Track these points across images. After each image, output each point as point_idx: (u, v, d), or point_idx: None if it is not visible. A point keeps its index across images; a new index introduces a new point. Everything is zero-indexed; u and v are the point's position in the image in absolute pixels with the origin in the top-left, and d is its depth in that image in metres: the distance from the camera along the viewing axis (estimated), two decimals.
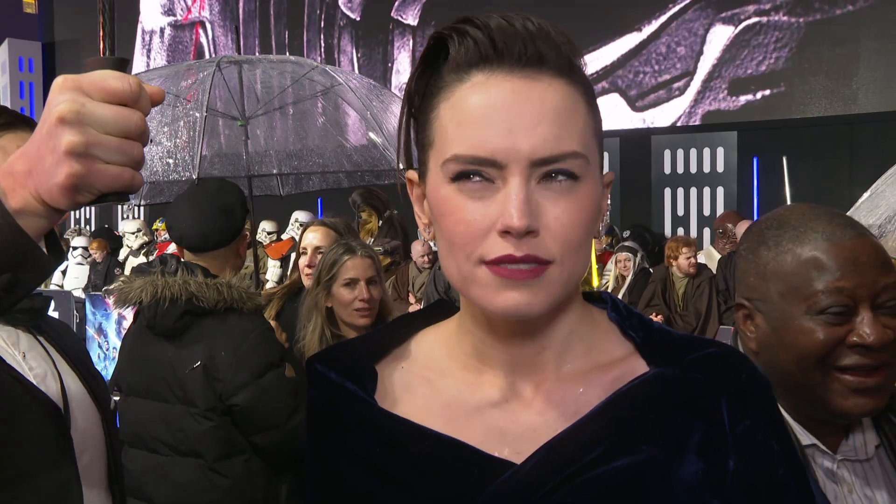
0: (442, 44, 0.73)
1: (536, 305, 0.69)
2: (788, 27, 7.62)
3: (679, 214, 7.87)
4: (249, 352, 2.07)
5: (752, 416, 0.75)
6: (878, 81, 7.21)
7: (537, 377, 0.77)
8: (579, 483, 0.71)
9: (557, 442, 0.73)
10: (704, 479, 0.72)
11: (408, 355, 0.83)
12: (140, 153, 0.70)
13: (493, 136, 0.68)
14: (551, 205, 0.69)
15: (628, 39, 8.48)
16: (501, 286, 0.69)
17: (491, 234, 0.68)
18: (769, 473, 0.75)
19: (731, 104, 7.91)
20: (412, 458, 0.76)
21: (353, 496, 0.78)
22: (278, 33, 11.09)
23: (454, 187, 0.70)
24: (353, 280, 2.34)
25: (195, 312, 2.11)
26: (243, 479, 2.10)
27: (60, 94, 0.68)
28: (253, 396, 2.05)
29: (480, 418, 0.77)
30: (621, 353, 0.79)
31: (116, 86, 0.68)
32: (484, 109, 0.69)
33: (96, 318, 5.86)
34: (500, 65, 0.70)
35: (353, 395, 0.80)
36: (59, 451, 1.26)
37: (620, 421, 0.74)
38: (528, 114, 0.68)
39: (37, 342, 1.37)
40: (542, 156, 0.68)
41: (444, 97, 0.72)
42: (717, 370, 0.76)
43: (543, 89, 0.69)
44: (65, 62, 12.66)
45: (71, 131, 0.67)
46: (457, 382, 0.79)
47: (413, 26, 10.00)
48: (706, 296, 5.47)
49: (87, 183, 0.69)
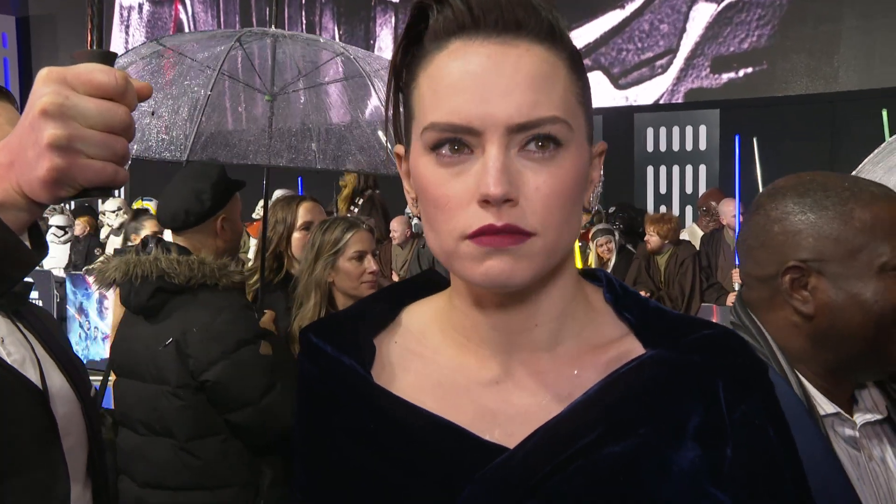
0: (423, 14, 0.72)
1: (518, 274, 0.68)
2: (771, 5, 7.62)
3: (661, 192, 7.90)
4: (222, 328, 2.06)
5: (749, 401, 0.74)
6: (859, 59, 7.25)
7: (530, 357, 0.76)
8: (574, 469, 0.70)
9: (552, 426, 0.72)
10: (702, 465, 0.71)
11: (401, 329, 0.82)
12: (124, 148, 0.69)
13: (468, 102, 0.67)
14: (532, 174, 0.67)
15: (611, 17, 8.46)
16: (483, 256, 0.67)
17: (471, 206, 0.67)
18: (766, 460, 0.74)
19: (713, 82, 7.92)
20: (405, 436, 0.75)
21: (345, 469, 0.77)
22: (259, 9, 10.95)
23: (433, 158, 0.69)
24: (361, 253, 2.36)
25: (168, 290, 2.10)
26: (217, 462, 2.08)
27: (44, 85, 0.66)
28: (224, 372, 2.03)
29: (472, 398, 0.76)
30: (616, 334, 0.78)
31: (102, 79, 0.67)
32: (460, 76, 0.68)
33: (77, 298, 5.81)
34: (477, 32, 0.69)
35: (350, 369, 0.79)
36: (45, 433, 1.26)
37: (617, 404, 0.72)
38: (503, 79, 0.67)
39: (15, 328, 1.36)
40: (519, 121, 0.66)
41: (423, 67, 0.71)
42: (714, 353, 0.75)
43: (520, 55, 0.68)
44: (39, 37, 12.44)
45: (54, 124, 0.65)
46: (449, 360, 0.78)
47: (395, 3, 9.90)
48: (690, 273, 5.51)
49: (69, 177, 0.67)
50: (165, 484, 2.10)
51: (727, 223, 5.78)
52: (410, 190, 0.76)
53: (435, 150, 0.69)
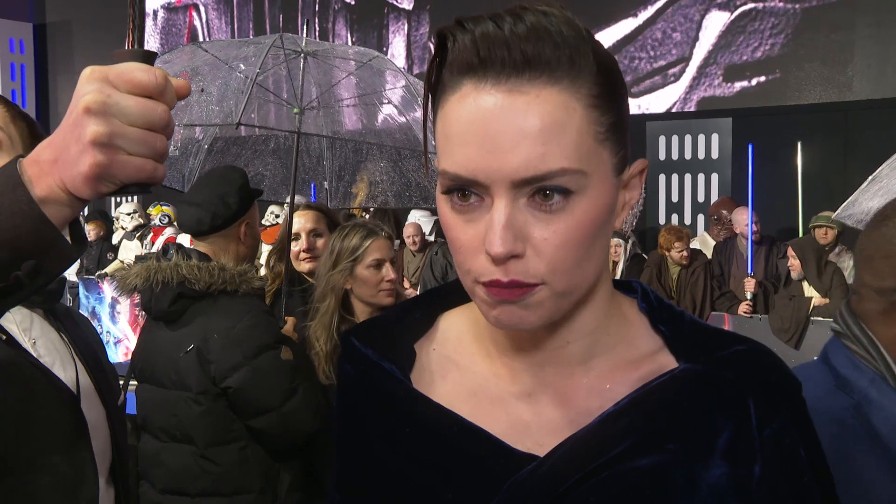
0: (444, 42, 0.70)
1: (528, 321, 0.69)
2: (784, 13, 7.60)
3: (674, 201, 7.87)
4: (243, 333, 2.07)
5: (780, 420, 0.73)
6: (872, 68, 7.20)
7: (563, 371, 0.76)
8: (602, 479, 0.70)
9: (582, 436, 0.72)
10: (730, 482, 0.71)
11: (438, 336, 0.83)
12: (164, 145, 0.70)
13: (474, 155, 0.65)
14: (541, 224, 0.66)
15: (624, 25, 8.45)
16: (495, 303, 0.68)
17: (482, 254, 0.67)
18: (794, 480, 0.73)
19: (726, 90, 7.90)
20: (440, 441, 0.76)
21: (381, 471, 0.78)
22: (273, 16, 11.01)
23: (448, 200, 0.69)
24: (379, 261, 2.35)
25: (189, 296, 2.11)
26: (236, 468, 2.09)
27: (87, 84, 0.68)
28: (245, 378, 2.04)
29: (505, 409, 0.76)
30: (650, 349, 0.77)
31: (143, 78, 0.68)
32: (467, 126, 0.66)
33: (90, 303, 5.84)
34: (486, 74, 0.66)
35: (389, 374, 0.80)
36: (75, 433, 1.27)
37: (647, 417, 0.72)
38: (511, 131, 0.64)
39: (51, 328, 1.37)
40: (525, 176, 0.65)
41: (441, 105, 0.70)
42: (746, 369, 0.74)
43: (528, 102, 0.65)
44: (56, 44, 12.55)
45: (96, 121, 0.67)
46: (484, 370, 0.79)
47: (408, 10, 9.94)
48: (701, 282, 5.49)
49: (110, 173, 0.69)
50: (184, 490, 2.11)
51: (740, 232, 5.75)
52: None
53: (448, 193, 0.69)
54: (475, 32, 0.66)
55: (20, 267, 0.70)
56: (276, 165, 3.30)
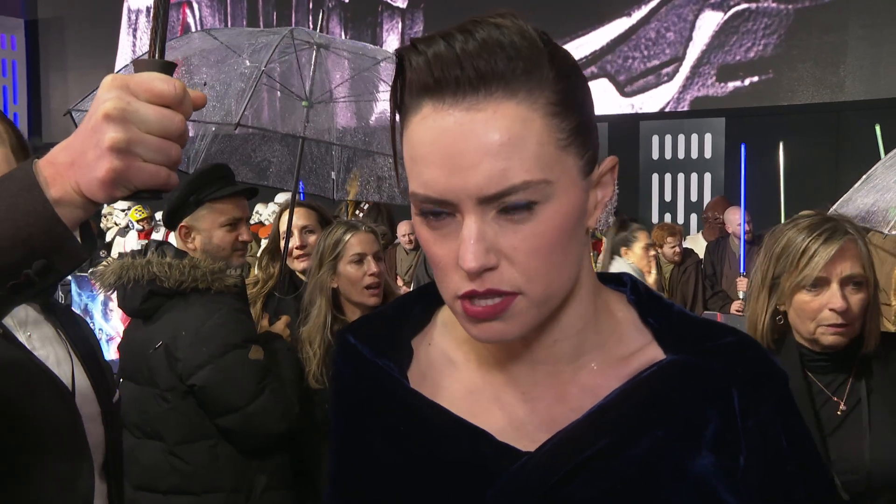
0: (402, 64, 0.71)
1: (511, 332, 0.70)
2: (777, 14, 7.62)
3: (667, 200, 7.89)
4: (210, 331, 2.06)
5: (763, 411, 0.74)
6: (864, 69, 7.24)
7: (555, 369, 0.77)
8: (594, 471, 0.71)
9: (571, 429, 0.73)
10: (716, 472, 0.72)
11: (436, 332, 0.84)
12: (178, 154, 0.73)
13: (439, 176, 0.67)
14: (510, 234, 0.67)
15: (618, 24, 8.46)
16: (475, 321, 0.70)
17: (458, 269, 0.68)
18: (778, 469, 0.75)
19: (719, 90, 7.92)
20: (436, 439, 0.77)
21: (380, 470, 0.79)
22: (266, 13, 10.99)
23: (421, 220, 0.71)
24: (360, 255, 2.30)
25: (159, 293, 2.10)
26: (206, 466, 2.08)
27: (108, 91, 0.70)
28: (210, 376, 2.03)
29: (500, 407, 0.77)
30: (639, 343, 0.78)
31: (162, 88, 0.70)
32: (430, 147, 0.67)
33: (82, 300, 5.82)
34: (443, 94, 0.67)
35: (385, 371, 0.81)
36: (72, 429, 1.27)
37: (636, 409, 0.73)
38: (470, 150, 0.66)
39: (47, 323, 1.37)
40: (489, 193, 0.66)
41: (405, 125, 0.71)
42: (732, 360, 0.76)
43: (486, 120, 0.66)
44: (48, 40, 12.49)
45: (115, 128, 0.69)
46: (479, 368, 0.80)
47: (402, 9, 9.94)
48: (692, 281, 5.50)
49: (125, 178, 0.71)
50: (155, 487, 2.10)
51: (732, 231, 5.77)
52: None
53: (421, 214, 0.70)
54: (428, 54, 0.67)
55: (31, 265, 0.72)
56: (284, 153, 3.25)
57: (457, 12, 0.71)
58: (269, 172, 3.22)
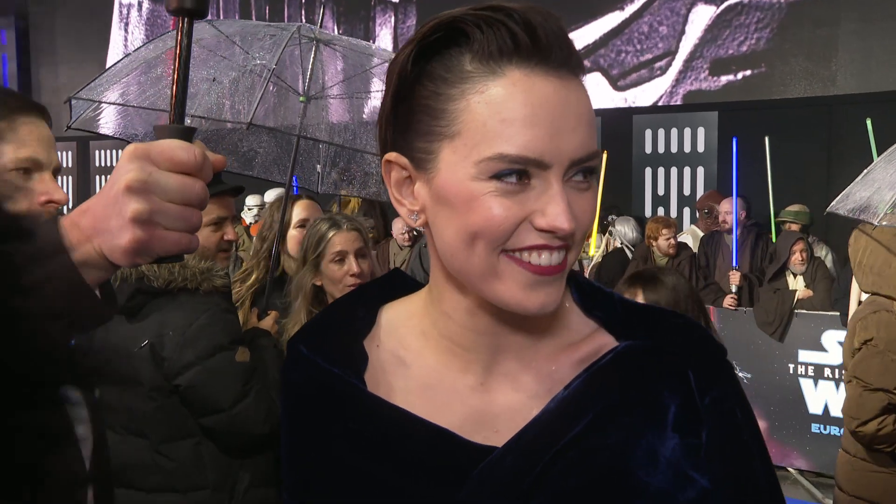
0: (454, 30, 0.71)
1: (553, 302, 0.73)
2: (770, 8, 7.63)
3: (660, 194, 7.90)
4: (197, 332, 2.05)
5: (718, 387, 0.78)
6: (856, 63, 7.25)
7: (510, 357, 0.79)
8: (572, 459, 0.73)
9: (542, 420, 0.75)
10: (682, 451, 0.75)
11: (382, 333, 0.84)
12: (199, 219, 0.74)
13: (541, 136, 0.69)
14: (579, 200, 0.72)
15: (610, 18, 8.46)
16: (531, 285, 0.71)
17: (521, 228, 0.70)
18: (736, 439, 0.78)
19: (712, 84, 7.93)
20: (398, 440, 0.77)
21: (343, 473, 0.79)
22: (259, 7, 10.94)
23: (490, 184, 0.70)
24: (341, 254, 2.28)
25: (147, 291, 2.09)
26: (190, 464, 2.08)
27: (130, 162, 0.71)
28: (197, 377, 2.03)
29: (459, 401, 0.78)
30: (586, 331, 0.82)
31: (183, 157, 0.71)
32: (532, 109, 0.70)
33: None
34: (537, 62, 0.70)
35: (340, 378, 0.81)
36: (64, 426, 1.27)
37: (600, 394, 0.76)
38: (570, 115, 0.71)
39: None
40: (580, 156, 0.71)
41: (474, 89, 0.70)
42: (683, 342, 0.79)
43: (575, 90, 0.72)
44: (38, 35, 12.41)
45: (137, 199, 0.70)
46: (434, 363, 0.80)
47: (395, 3, 9.90)
48: (686, 273, 5.52)
49: (147, 248, 0.72)
50: (139, 485, 2.09)
51: (723, 221, 5.79)
52: (414, 201, 0.76)
53: (497, 177, 0.70)
54: (531, 21, 0.70)
55: None
56: (271, 143, 3.20)
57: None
58: (254, 163, 3.16)
